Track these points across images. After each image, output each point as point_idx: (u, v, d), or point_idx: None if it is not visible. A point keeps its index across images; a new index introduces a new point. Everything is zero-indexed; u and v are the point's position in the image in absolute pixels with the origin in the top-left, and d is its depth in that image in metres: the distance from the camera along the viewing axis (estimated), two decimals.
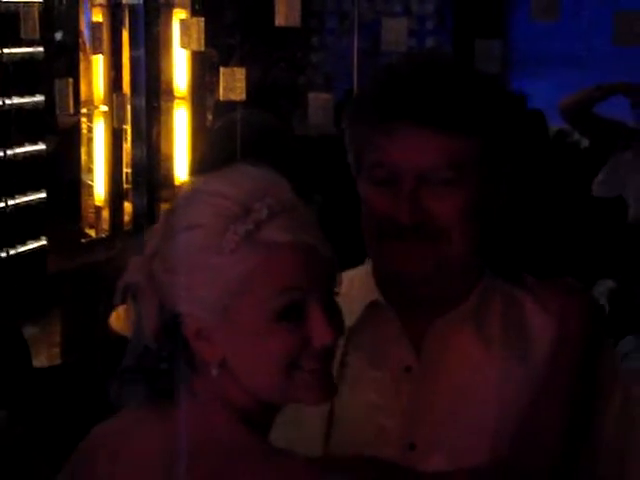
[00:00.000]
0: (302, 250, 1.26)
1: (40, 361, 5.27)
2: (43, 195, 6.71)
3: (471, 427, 1.43)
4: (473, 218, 1.44)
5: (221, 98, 4.57)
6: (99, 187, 7.06)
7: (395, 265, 1.46)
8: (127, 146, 7.02)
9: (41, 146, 6.61)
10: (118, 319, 3.93)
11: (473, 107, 1.43)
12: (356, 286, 1.56)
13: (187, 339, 1.30)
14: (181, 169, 6.81)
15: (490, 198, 1.48)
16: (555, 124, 6.27)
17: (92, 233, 7.13)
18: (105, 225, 7.10)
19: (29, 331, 5.23)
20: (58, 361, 5.52)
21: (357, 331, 1.52)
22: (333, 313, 1.29)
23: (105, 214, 7.15)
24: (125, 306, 4.27)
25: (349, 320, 1.48)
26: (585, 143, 5.83)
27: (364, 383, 1.50)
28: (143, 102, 6.70)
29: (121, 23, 6.63)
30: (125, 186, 7.14)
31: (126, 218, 7.06)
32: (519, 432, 1.38)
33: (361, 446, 1.44)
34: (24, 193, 6.58)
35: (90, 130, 6.89)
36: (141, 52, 6.56)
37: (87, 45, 6.47)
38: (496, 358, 1.47)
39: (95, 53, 6.07)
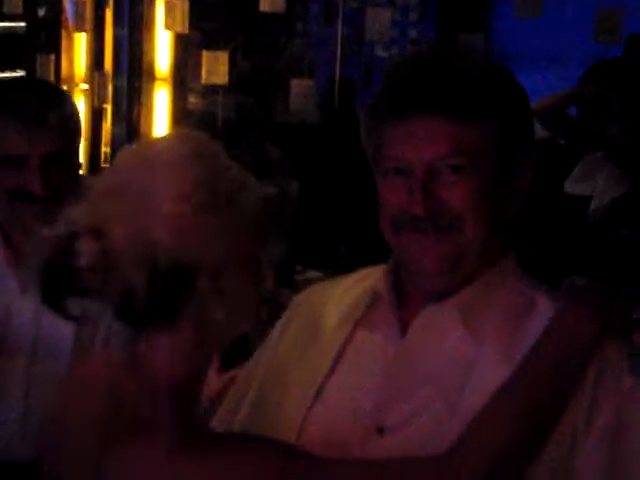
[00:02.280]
0: None
1: None
2: None
3: (439, 416, 1.43)
4: (486, 207, 1.45)
5: (203, 82, 4.58)
6: None
7: (413, 257, 1.47)
8: (107, 125, 7.00)
9: None
10: None
11: (480, 93, 1.44)
12: (369, 279, 1.59)
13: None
14: None
15: (506, 187, 1.48)
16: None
17: None
18: None
19: None
20: None
21: (361, 320, 1.55)
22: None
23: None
24: None
25: (356, 311, 1.56)
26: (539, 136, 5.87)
27: (352, 366, 1.52)
28: (125, 82, 6.67)
29: (105, 1, 6.60)
30: (104, 165, 7.12)
31: None
32: (468, 424, 1.35)
33: (333, 427, 1.46)
34: None
35: None
36: (124, 31, 6.53)
37: (70, 22, 6.44)
38: (480, 353, 1.44)
39: (78, 31, 6.04)
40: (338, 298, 1.62)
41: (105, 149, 7.08)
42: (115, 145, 7.08)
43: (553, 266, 3.72)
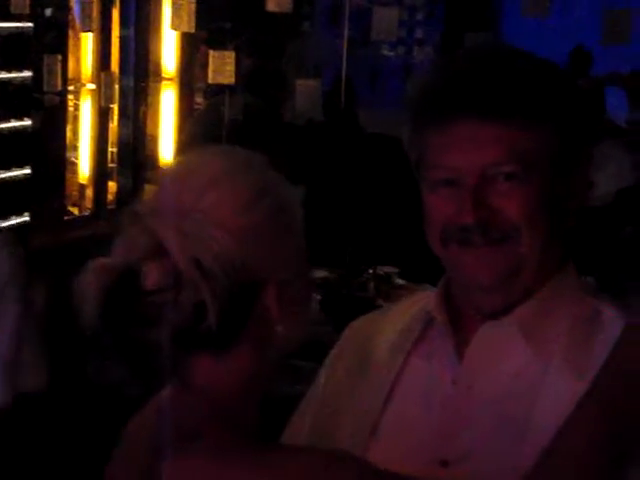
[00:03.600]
0: None
1: None
2: (28, 171, 6.69)
3: (506, 444, 1.32)
4: (544, 216, 1.34)
5: (210, 81, 4.58)
6: (84, 165, 7.04)
7: (465, 272, 1.36)
8: (113, 125, 7.00)
9: (27, 122, 6.59)
10: None
11: (534, 93, 1.33)
12: (419, 303, 1.48)
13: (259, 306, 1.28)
14: (167, 150, 6.81)
15: (565, 193, 1.37)
16: None
17: (75, 211, 7.12)
18: (88, 203, 7.09)
19: None
20: None
21: (414, 348, 1.44)
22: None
23: (89, 192, 7.14)
24: None
25: (408, 339, 1.45)
26: None
27: (407, 398, 1.43)
28: (131, 81, 6.68)
29: (111, 1, 6.60)
30: (110, 165, 7.13)
31: (110, 197, 7.05)
32: (535, 463, 1.19)
33: (396, 461, 1.34)
34: (8, 168, 6.55)
35: (76, 108, 6.87)
36: (131, 31, 6.54)
37: (77, 22, 6.45)
38: (546, 372, 1.33)
39: (84, 31, 6.05)
40: (388, 327, 1.51)
41: (111, 149, 7.09)
42: (121, 145, 7.09)
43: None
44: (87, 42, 6.55)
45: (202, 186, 1.28)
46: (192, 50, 6.87)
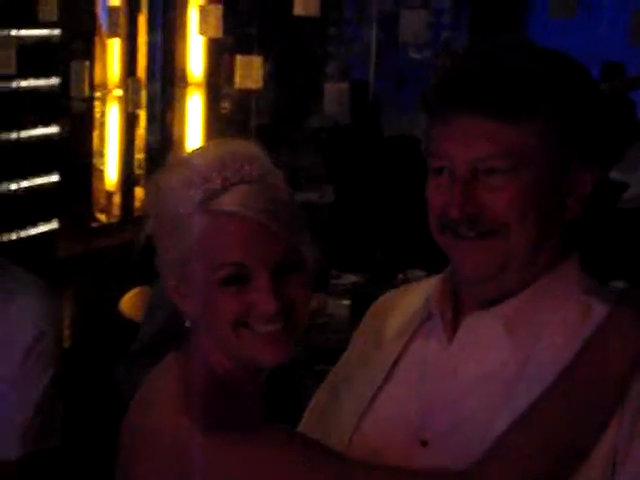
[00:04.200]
0: (247, 223, 1.32)
1: None
2: (55, 178, 6.71)
3: (482, 429, 1.34)
4: (536, 211, 1.34)
5: (237, 86, 4.57)
6: (111, 172, 7.06)
7: (456, 262, 1.39)
8: (140, 131, 7.03)
9: (54, 129, 6.62)
10: (128, 303, 3.93)
11: (525, 87, 1.33)
12: (431, 287, 1.50)
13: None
14: None
15: (563, 189, 1.37)
16: None
17: (103, 218, 7.14)
18: (116, 210, 7.11)
19: None
20: (67, 344, 5.53)
21: (417, 331, 1.47)
22: (284, 282, 1.34)
23: (116, 199, 7.16)
24: (135, 290, 4.25)
25: (413, 321, 1.49)
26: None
27: (404, 376, 1.47)
28: (158, 87, 6.70)
29: (138, 8, 6.62)
30: (137, 171, 7.15)
31: (137, 204, 7.07)
32: (493, 442, 1.27)
33: (380, 437, 1.43)
34: (36, 176, 6.58)
35: (103, 114, 6.89)
36: (157, 37, 6.56)
37: (103, 29, 6.47)
38: (525, 366, 1.35)
39: (111, 37, 6.07)
40: (403, 307, 1.56)
41: (139, 155, 7.11)
42: (149, 151, 7.10)
43: (596, 270, 3.66)
44: (114, 48, 6.57)
45: (255, 159, 1.37)
46: (219, 55, 6.87)
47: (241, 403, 1.36)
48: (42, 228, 6.69)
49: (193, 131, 6.99)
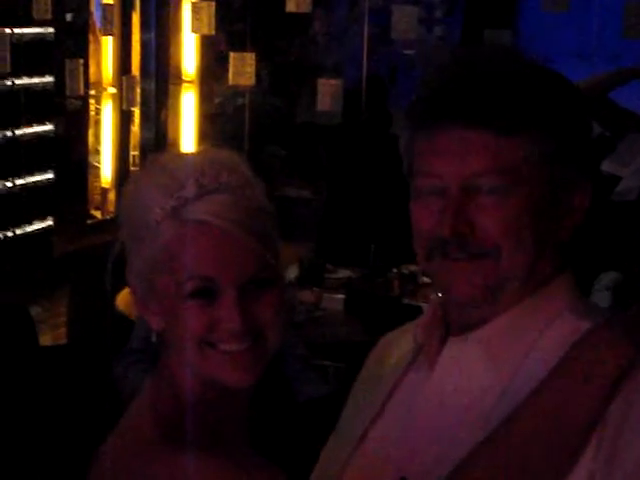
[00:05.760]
0: (218, 233, 1.25)
1: (45, 341, 5.29)
2: (50, 176, 6.72)
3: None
4: (529, 232, 1.26)
5: (230, 83, 4.58)
6: (106, 169, 7.08)
7: (445, 286, 1.31)
8: (134, 129, 7.04)
9: (49, 127, 6.63)
10: (124, 301, 3.94)
11: (524, 101, 1.26)
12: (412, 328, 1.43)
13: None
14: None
15: (557, 208, 1.29)
16: None
17: (98, 215, 7.15)
18: (111, 207, 7.12)
19: (35, 311, 5.25)
20: (63, 341, 5.54)
21: (413, 362, 1.41)
22: (254, 299, 1.28)
23: (111, 196, 7.17)
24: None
25: (410, 353, 1.42)
26: (593, 135, 5.83)
27: (395, 410, 1.40)
28: (152, 85, 6.71)
29: (132, 6, 6.63)
30: (132, 168, 7.16)
31: None
32: (455, 468, 1.21)
33: (366, 475, 1.37)
34: (31, 173, 6.59)
35: (98, 112, 6.90)
36: (151, 35, 6.57)
37: (97, 27, 6.48)
38: (505, 396, 1.27)
39: (105, 35, 6.07)
40: (400, 345, 1.48)
41: (133, 152, 7.12)
42: (143, 148, 7.12)
43: (588, 262, 3.68)
44: (108, 46, 6.58)
45: (234, 168, 1.31)
46: (211, 52, 6.88)
47: (210, 428, 1.30)
48: (38, 225, 6.70)
49: (187, 128, 7.00)
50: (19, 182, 6.52)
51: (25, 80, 6.38)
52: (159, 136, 6.89)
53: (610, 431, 1.18)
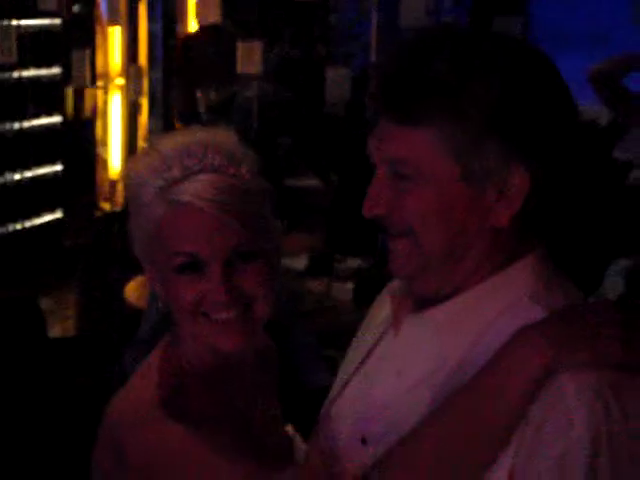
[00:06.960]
0: (201, 213, 1.35)
1: (55, 332, 5.30)
2: (59, 168, 6.71)
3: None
4: (442, 218, 1.30)
5: (238, 71, 4.56)
6: (114, 160, 7.06)
7: (388, 261, 1.40)
8: (142, 119, 7.02)
9: (57, 118, 6.61)
10: (133, 291, 3.94)
11: (430, 92, 1.27)
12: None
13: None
14: None
15: (484, 196, 1.30)
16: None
17: (107, 206, 7.14)
18: (120, 198, 7.11)
19: (44, 303, 5.25)
20: (72, 333, 5.55)
21: (385, 331, 1.46)
22: (240, 271, 1.38)
23: (120, 187, 7.16)
24: (140, 279, 4.26)
25: (387, 320, 1.47)
26: (603, 122, 5.80)
27: (366, 372, 1.47)
28: (160, 75, 6.68)
29: None
30: None
31: None
32: (385, 453, 1.28)
33: (332, 438, 1.45)
34: (40, 165, 6.58)
35: (105, 103, 6.89)
36: (158, 25, 6.54)
37: (104, 17, 6.46)
38: (454, 375, 1.30)
39: (112, 25, 6.06)
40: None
41: (141, 142, 7.10)
42: (152, 138, 7.11)
43: (601, 249, 3.65)
44: (114, 37, 6.56)
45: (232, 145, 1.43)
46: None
47: (219, 395, 1.40)
48: (47, 218, 6.70)
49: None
50: (27, 174, 6.51)
51: (32, 72, 6.36)
52: (167, 126, 6.87)
53: (531, 429, 1.21)
